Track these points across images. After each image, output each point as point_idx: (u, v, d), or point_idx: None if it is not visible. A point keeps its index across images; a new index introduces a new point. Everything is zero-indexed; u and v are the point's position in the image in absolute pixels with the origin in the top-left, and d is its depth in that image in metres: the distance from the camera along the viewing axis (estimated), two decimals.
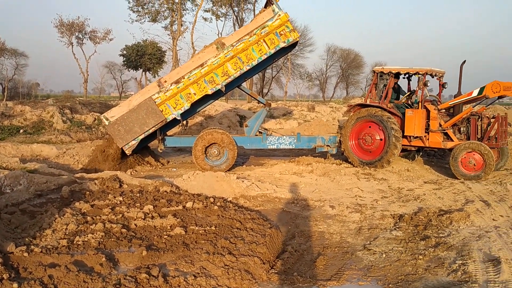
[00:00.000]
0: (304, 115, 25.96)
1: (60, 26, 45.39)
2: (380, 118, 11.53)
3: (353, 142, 12.19)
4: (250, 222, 6.38)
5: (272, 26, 11.00)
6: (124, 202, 7.08)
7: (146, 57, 45.40)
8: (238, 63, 11.20)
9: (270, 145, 12.58)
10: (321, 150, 12.78)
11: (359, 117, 11.98)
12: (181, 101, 11.32)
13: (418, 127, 11.38)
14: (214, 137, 11.76)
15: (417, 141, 11.71)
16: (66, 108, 22.61)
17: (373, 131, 11.83)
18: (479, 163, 10.46)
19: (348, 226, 6.99)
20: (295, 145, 12.71)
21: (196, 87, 11.26)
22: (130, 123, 11.27)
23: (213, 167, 11.60)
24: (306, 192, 9.13)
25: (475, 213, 7.32)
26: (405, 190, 9.41)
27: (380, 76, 12.33)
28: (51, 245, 5.14)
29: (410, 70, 11.94)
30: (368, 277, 5.04)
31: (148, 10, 39.25)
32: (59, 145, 15.57)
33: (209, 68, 11.13)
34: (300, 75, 63.00)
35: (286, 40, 11.12)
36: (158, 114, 11.27)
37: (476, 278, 4.77)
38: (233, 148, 11.73)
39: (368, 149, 11.98)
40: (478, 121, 11.29)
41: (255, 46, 11.12)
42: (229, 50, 11.10)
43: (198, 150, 11.70)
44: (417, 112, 11.42)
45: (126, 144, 11.40)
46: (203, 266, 4.78)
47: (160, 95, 11.24)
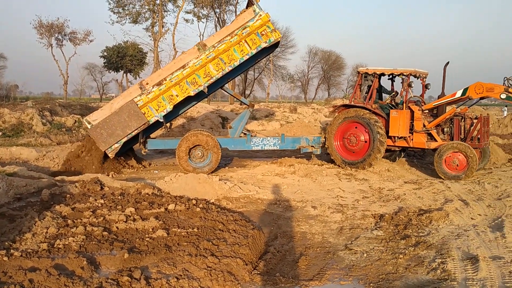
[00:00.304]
0: (286, 117, 26.08)
1: (39, 28, 44.90)
2: (368, 121, 11.63)
3: (338, 142, 12.29)
4: (233, 224, 6.39)
5: (253, 26, 11.03)
6: (105, 205, 7.03)
7: (127, 59, 45.14)
8: (220, 64, 11.20)
9: (255, 146, 12.60)
10: (305, 150, 12.83)
11: (346, 117, 12.06)
12: (163, 103, 11.27)
13: (402, 128, 11.52)
14: (199, 139, 11.73)
15: (401, 142, 11.84)
16: (46, 110, 22.33)
17: (358, 132, 11.94)
18: (462, 164, 10.62)
19: (329, 226, 7.05)
20: (279, 146, 12.75)
21: (178, 89, 11.23)
22: (113, 126, 11.17)
23: (196, 169, 11.57)
24: (288, 193, 9.17)
25: (454, 212, 7.45)
26: (386, 190, 9.52)
27: (364, 77, 12.44)
28: (31, 249, 5.07)
29: (394, 71, 12.08)
30: (350, 276, 5.09)
31: (129, 11, 39.00)
32: (39, 147, 15.36)
33: (191, 69, 11.10)
34: (282, 76, 63.39)
35: (268, 40, 11.15)
36: (141, 117, 11.20)
37: (455, 276, 4.86)
38: (217, 151, 11.71)
39: (352, 149, 12.09)
40: (461, 122, 11.46)
41: (237, 46, 11.13)
42: (210, 51, 11.09)
43: (182, 151, 11.66)
44: (402, 112, 11.56)
45: (109, 147, 11.29)
46: (186, 268, 4.77)
47: (142, 98, 11.16)
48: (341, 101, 37.12)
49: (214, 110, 25.97)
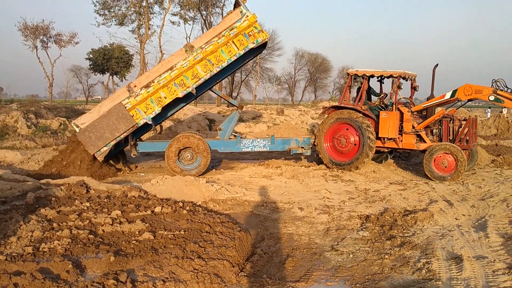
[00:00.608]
0: (273, 119, 26.15)
1: (24, 30, 44.38)
2: (360, 125, 11.68)
3: (328, 144, 12.37)
4: (220, 226, 6.39)
5: (240, 27, 11.05)
6: (91, 208, 6.97)
7: (113, 61, 44.85)
8: (208, 65, 11.19)
9: (245, 148, 12.58)
10: (295, 152, 12.83)
11: (339, 118, 12.10)
12: (151, 105, 11.24)
13: (392, 129, 11.62)
14: (190, 141, 11.71)
15: (390, 143, 11.93)
16: (31, 113, 22.09)
17: (348, 134, 12.01)
18: (451, 166, 10.72)
19: (316, 227, 7.08)
20: (269, 148, 12.74)
21: (167, 91, 11.21)
22: (101, 129, 11.12)
23: (183, 170, 11.57)
24: (275, 195, 9.20)
25: (438, 213, 7.54)
26: (372, 191, 9.59)
27: (354, 79, 12.49)
28: (16, 253, 5.02)
29: (384, 73, 12.14)
30: (336, 277, 5.12)
31: (115, 13, 38.70)
32: (24, 150, 15.20)
33: (178, 71, 11.09)
34: (269, 79, 63.55)
35: (255, 40, 11.18)
36: (129, 119, 11.17)
37: (440, 276, 4.92)
38: (207, 155, 11.69)
39: (341, 150, 12.17)
40: (450, 123, 11.58)
41: (224, 47, 11.14)
42: (198, 53, 11.08)
43: (172, 151, 11.65)
44: (391, 114, 11.66)
45: (97, 150, 11.25)
46: (172, 270, 4.76)
47: (130, 100, 11.13)
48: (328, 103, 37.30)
49: (201, 112, 25.95)
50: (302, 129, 21.92)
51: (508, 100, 10.70)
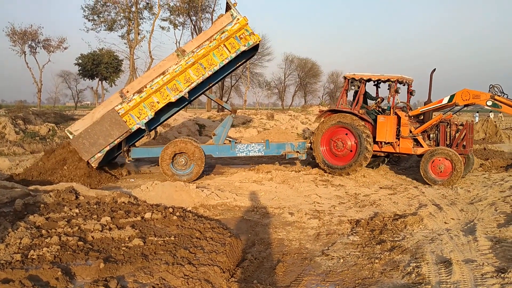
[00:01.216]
0: (263, 123, 26.18)
1: (12, 35, 44.17)
2: (359, 133, 11.68)
3: (324, 147, 12.39)
4: (210, 231, 6.37)
5: (231, 30, 11.05)
6: (80, 214, 6.92)
7: (103, 66, 44.72)
8: (200, 69, 11.19)
9: (239, 153, 12.52)
10: (290, 156, 12.78)
11: (339, 121, 12.08)
12: (144, 111, 11.23)
13: (389, 133, 11.64)
14: (187, 147, 11.69)
15: (387, 147, 11.95)
16: (19, 119, 21.91)
17: (346, 138, 12.03)
18: (447, 171, 10.75)
19: (306, 232, 7.10)
20: (264, 152, 12.68)
21: (159, 96, 11.20)
22: (95, 135, 11.10)
23: (174, 175, 11.56)
24: (265, 200, 9.20)
25: (428, 217, 7.59)
26: (362, 196, 9.64)
27: (351, 82, 12.43)
28: (4, 260, 4.96)
29: (381, 77, 12.17)
30: (327, 282, 5.13)
31: (104, 18, 38.64)
32: (12, 157, 15.06)
33: (171, 75, 11.09)
34: (259, 83, 63.61)
35: (247, 43, 11.18)
36: (122, 125, 11.15)
37: (429, 280, 4.95)
38: (201, 164, 11.67)
39: (337, 153, 12.19)
40: (447, 128, 11.60)
41: (216, 51, 11.14)
42: (190, 57, 11.09)
43: (167, 153, 11.63)
44: (389, 118, 11.68)
45: (91, 157, 11.22)
46: (163, 277, 4.74)
47: (123, 106, 11.11)
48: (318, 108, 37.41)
49: (191, 117, 25.91)
50: (292, 134, 21.99)
51: (505, 106, 10.78)
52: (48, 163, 11.66)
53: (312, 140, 12.62)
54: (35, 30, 45.31)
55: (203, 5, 44.92)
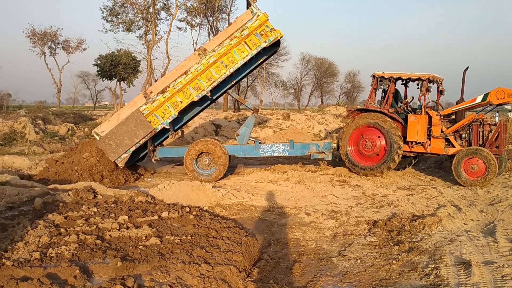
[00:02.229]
0: (279, 124, 26.11)
1: (32, 36, 44.85)
2: (389, 132, 11.48)
3: (352, 147, 12.20)
4: (226, 231, 6.38)
5: (252, 27, 11.03)
6: (98, 213, 6.99)
7: (121, 67, 45.06)
8: (221, 67, 11.22)
9: (263, 153, 12.42)
10: (316, 157, 12.58)
11: (369, 121, 11.88)
12: (168, 110, 11.34)
13: (420, 133, 11.38)
14: (215, 149, 11.71)
15: (418, 147, 11.69)
16: (39, 119, 22.24)
17: (375, 138, 11.84)
18: (480, 172, 10.48)
19: (323, 233, 7.06)
20: (288, 153, 12.51)
21: (182, 95, 11.29)
22: (120, 136, 11.30)
23: (194, 171, 11.70)
24: (281, 200, 9.18)
25: (447, 218, 7.49)
26: (379, 196, 9.55)
27: (380, 81, 12.21)
28: (24, 258, 5.03)
29: (411, 76, 11.91)
30: (344, 283, 5.09)
31: (122, 19, 38.92)
32: (32, 156, 15.30)
33: (193, 75, 11.15)
34: (275, 83, 63.50)
35: (267, 39, 11.13)
36: (147, 125, 11.31)
37: (448, 282, 4.87)
38: (222, 170, 11.66)
39: (366, 154, 12.00)
40: (480, 128, 11.30)
41: (237, 48, 11.14)
42: (211, 55, 11.12)
43: (195, 149, 11.74)
44: (420, 117, 11.41)
45: (118, 157, 11.43)
46: (179, 276, 4.76)
47: (148, 106, 11.26)
48: (335, 108, 37.24)
49: (208, 117, 25.99)
50: (308, 134, 21.90)
51: None
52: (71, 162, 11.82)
53: (340, 137, 12.39)
54: (54, 31, 46.01)
55: (220, 6, 45.01)
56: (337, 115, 31.70)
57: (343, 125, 17.84)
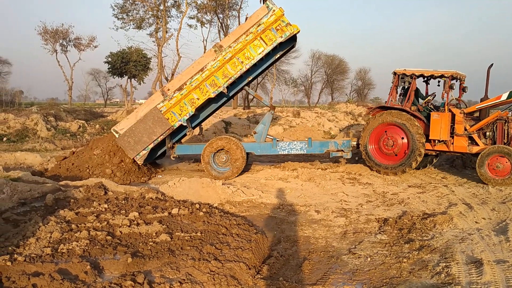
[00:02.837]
0: (289, 121, 26.08)
1: (44, 33, 45.20)
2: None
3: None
4: (236, 228, 6.38)
5: (267, 22, 11.00)
6: (109, 209, 7.03)
7: (131, 64, 45.25)
8: (237, 64, 11.24)
9: (281, 151, 12.36)
10: (334, 155, 12.43)
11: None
12: (185, 107, 11.41)
13: (444, 131, 11.16)
14: (236, 152, 11.67)
15: (441, 146, 11.46)
16: (50, 116, 22.44)
17: (397, 136, 11.66)
18: (506, 170, 10.25)
19: (333, 230, 7.04)
20: (306, 150, 12.38)
21: (199, 92, 11.35)
22: (139, 133, 11.44)
23: (208, 164, 11.76)
24: (291, 197, 9.17)
25: (458, 216, 7.42)
26: (390, 194, 9.50)
27: (401, 78, 12.00)
28: (35, 254, 5.08)
29: (434, 73, 11.64)
30: (353, 280, 5.07)
31: (133, 17, 39.05)
32: (43, 153, 15.43)
33: (209, 71, 11.19)
34: (285, 81, 63.26)
35: (283, 34, 11.08)
36: (165, 122, 11.41)
37: (459, 280, 4.83)
38: (235, 172, 11.63)
39: (387, 152, 11.82)
40: (505, 126, 11.03)
41: (253, 44, 11.13)
42: (227, 52, 11.15)
43: (217, 144, 11.80)
44: (443, 115, 11.19)
45: (136, 154, 11.56)
46: (189, 272, 4.77)
47: (165, 104, 11.34)
48: (345, 106, 37.08)
49: (218, 115, 26.02)
50: (318, 131, 21.84)
51: None
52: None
53: (360, 135, 12.23)
54: (66, 29, 46.32)
55: (230, 3, 44.99)
56: (347, 113, 31.59)
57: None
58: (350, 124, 25.46)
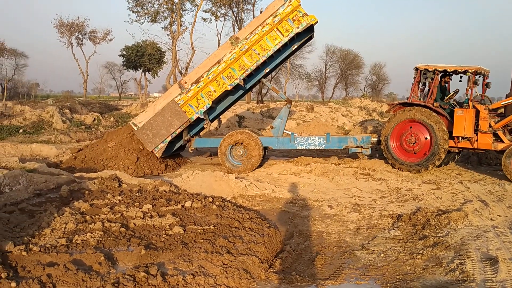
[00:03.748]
0: (303, 116, 25.97)
1: (59, 27, 45.59)
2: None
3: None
4: (249, 222, 6.39)
5: (284, 13, 10.96)
6: (123, 202, 7.08)
7: (146, 58, 45.47)
8: (254, 55, 11.24)
9: (299, 146, 12.26)
10: (353, 151, 12.25)
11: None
12: (202, 100, 11.48)
13: (468, 128, 10.86)
14: (254, 149, 11.63)
15: (464, 143, 11.17)
16: (66, 108, 22.66)
17: (419, 133, 11.36)
18: None
19: (346, 225, 7.00)
20: (324, 146, 12.24)
21: (216, 84, 11.39)
22: (157, 126, 11.55)
23: (225, 155, 11.79)
24: (304, 192, 9.14)
25: (473, 213, 7.34)
26: (404, 190, 9.43)
27: (423, 74, 11.69)
28: (50, 244, 5.13)
29: (458, 68, 11.38)
30: (366, 276, 5.05)
31: (148, 10, 39.15)
32: (59, 144, 15.59)
33: (226, 64, 11.23)
34: (299, 75, 63.01)
35: (300, 25, 11.04)
36: (182, 115, 11.50)
37: (474, 278, 4.79)
38: (249, 168, 11.57)
39: (409, 149, 11.52)
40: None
41: (269, 35, 11.12)
42: (243, 44, 11.16)
43: (236, 137, 11.82)
44: (468, 112, 10.89)
45: (155, 147, 11.66)
46: (202, 265, 4.79)
47: (182, 96, 11.43)
48: (359, 101, 36.80)
49: (231, 109, 25.97)
50: (332, 126, 21.72)
51: None
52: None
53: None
54: (81, 22, 46.69)
55: None
56: (361, 108, 31.37)
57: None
58: (364, 119, 25.29)
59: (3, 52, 50.25)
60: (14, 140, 16.48)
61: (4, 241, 4.97)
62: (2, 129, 18.85)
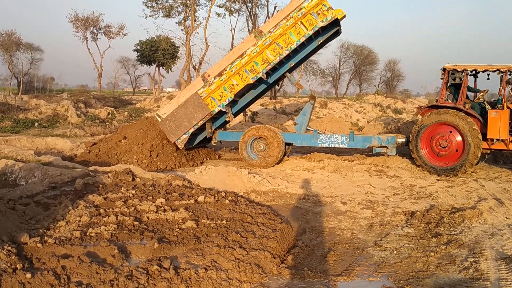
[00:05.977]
0: (316, 112, 25.87)
1: (75, 21, 45.80)
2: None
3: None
4: (261, 217, 6.39)
5: (308, 6, 10.90)
6: (136, 195, 7.14)
7: (160, 53, 45.57)
8: (277, 49, 11.21)
9: (321, 143, 12.11)
10: (378, 151, 11.88)
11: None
12: (225, 93, 11.54)
13: (503, 130, 10.43)
14: (274, 148, 11.53)
15: (499, 144, 10.71)
16: (81, 102, 22.86)
17: (451, 136, 10.80)
18: None
19: (359, 222, 6.98)
20: (347, 145, 11.98)
21: (238, 78, 11.44)
22: (180, 118, 11.67)
23: (244, 151, 11.80)
24: (317, 188, 9.12)
25: (488, 211, 7.26)
26: (418, 188, 9.36)
27: (451, 74, 11.23)
28: (65, 237, 5.20)
29: (489, 67, 10.93)
30: (379, 273, 5.02)
31: (162, 5, 39.26)
32: (73, 138, 15.75)
33: (249, 57, 11.25)
34: (313, 71, 62.61)
35: (325, 19, 10.93)
36: (205, 108, 11.59)
37: (488, 276, 4.74)
38: (264, 165, 11.44)
39: (440, 153, 10.91)
40: None
41: (293, 29, 11.07)
42: (267, 37, 11.16)
43: (259, 131, 11.81)
44: (502, 113, 10.47)
45: (178, 138, 11.80)
46: (214, 259, 4.81)
47: (205, 89, 11.52)
48: (374, 97, 36.52)
49: None
50: (346, 123, 21.63)
51: None
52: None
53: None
54: (96, 16, 46.80)
55: None
56: (375, 104, 31.16)
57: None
58: (378, 116, 25.14)
59: (19, 47, 50.72)
60: (30, 134, 16.69)
61: (20, 233, 5.05)
62: (18, 123, 19.09)
